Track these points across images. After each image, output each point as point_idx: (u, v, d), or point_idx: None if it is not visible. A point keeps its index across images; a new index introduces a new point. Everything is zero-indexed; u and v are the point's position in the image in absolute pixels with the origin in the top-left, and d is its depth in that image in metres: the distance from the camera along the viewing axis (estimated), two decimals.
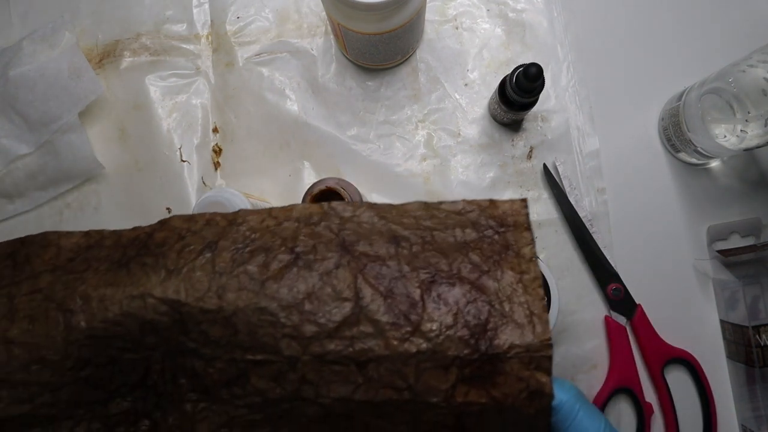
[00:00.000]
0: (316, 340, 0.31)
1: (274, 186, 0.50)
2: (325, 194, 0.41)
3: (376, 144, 0.51)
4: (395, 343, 0.30)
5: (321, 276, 0.31)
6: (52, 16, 0.52)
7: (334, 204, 0.34)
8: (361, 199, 0.43)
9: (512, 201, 0.33)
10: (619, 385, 0.46)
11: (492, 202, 0.34)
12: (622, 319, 0.48)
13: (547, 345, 0.30)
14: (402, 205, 0.34)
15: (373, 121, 0.51)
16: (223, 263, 0.32)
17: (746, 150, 0.43)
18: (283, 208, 0.34)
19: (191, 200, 0.50)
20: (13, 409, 0.33)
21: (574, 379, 0.48)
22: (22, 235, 0.51)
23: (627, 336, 0.47)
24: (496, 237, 0.33)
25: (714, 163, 0.50)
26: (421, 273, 0.32)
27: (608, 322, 0.48)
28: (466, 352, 0.30)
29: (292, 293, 0.31)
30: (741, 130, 0.41)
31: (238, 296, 0.31)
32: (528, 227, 0.33)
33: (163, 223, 0.35)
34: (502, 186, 0.50)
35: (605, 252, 0.48)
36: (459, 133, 0.51)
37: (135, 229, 0.35)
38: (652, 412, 0.47)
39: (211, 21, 0.53)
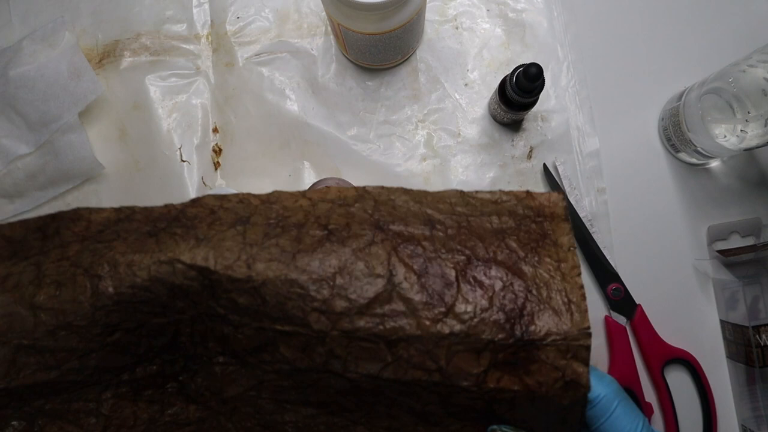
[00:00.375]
0: (346, 315, 0.30)
1: (274, 186, 0.50)
2: None
3: (376, 144, 0.51)
4: (427, 323, 0.29)
5: (354, 252, 0.31)
6: (52, 16, 0.52)
7: (369, 187, 0.33)
8: None
9: (549, 193, 0.33)
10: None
11: (529, 193, 0.33)
12: (622, 319, 0.48)
13: (586, 334, 0.29)
14: (437, 192, 0.34)
15: (373, 121, 0.51)
16: (254, 236, 0.32)
17: (746, 150, 0.43)
18: (318, 190, 0.34)
19: None
20: (41, 375, 0.32)
21: None
22: None
23: (627, 336, 0.47)
24: (533, 226, 0.32)
25: (714, 163, 0.50)
26: (457, 255, 0.31)
27: (608, 322, 0.48)
28: (500, 336, 0.29)
29: (324, 267, 0.30)
30: (741, 130, 0.41)
31: (268, 267, 0.31)
32: (566, 218, 0.32)
33: (195, 201, 0.34)
34: (502, 186, 0.50)
35: (605, 252, 0.48)
36: (459, 133, 0.51)
37: (167, 205, 0.35)
38: (652, 412, 0.47)
39: (211, 21, 0.53)
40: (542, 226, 0.32)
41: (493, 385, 0.29)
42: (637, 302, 0.48)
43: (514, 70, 0.44)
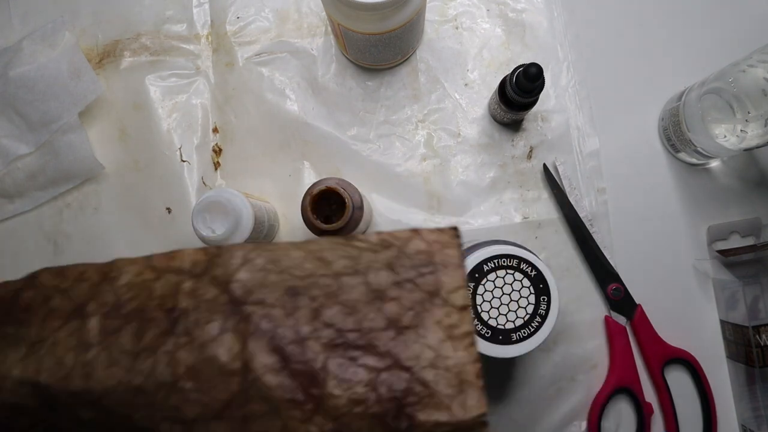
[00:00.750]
0: (201, 422, 0.26)
1: (274, 186, 0.50)
2: (325, 194, 0.41)
3: (376, 144, 0.51)
4: (295, 424, 0.25)
5: (202, 345, 0.27)
6: (52, 16, 0.52)
7: (223, 249, 0.29)
8: (362, 199, 0.43)
9: (440, 231, 0.28)
10: (619, 385, 0.46)
11: (415, 232, 0.28)
12: (622, 319, 0.48)
13: (481, 422, 0.25)
14: (306, 243, 0.29)
15: (373, 121, 0.51)
16: (91, 333, 0.28)
17: (746, 150, 0.43)
18: (165, 255, 0.29)
19: (191, 200, 0.50)
20: None
21: (574, 380, 0.48)
22: (22, 236, 0.50)
23: (627, 336, 0.47)
24: (420, 280, 0.27)
25: (714, 163, 0.50)
26: (324, 335, 0.26)
27: (608, 322, 0.48)
28: None
29: (170, 368, 0.27)
30: (741, 130, 0.41)
31: (108, 374, 0.27)
32: (460, 264, 0.27)
33: (32, 278, 0.30)
34: (502, 186, 0.50)
35: (605, 252, 0.48)
36: (459, 133, 0.51)
37: (5, 284, 0.31)
38: (652, 412, 0.47)
39: (211, 21, 0.53)
40: (430, 279, 0.27)
41: None
42: (637, 302, 0.48)
43: (514, 70, 0.44)
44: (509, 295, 0.38)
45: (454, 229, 0.27)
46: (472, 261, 0.38)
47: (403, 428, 0.25)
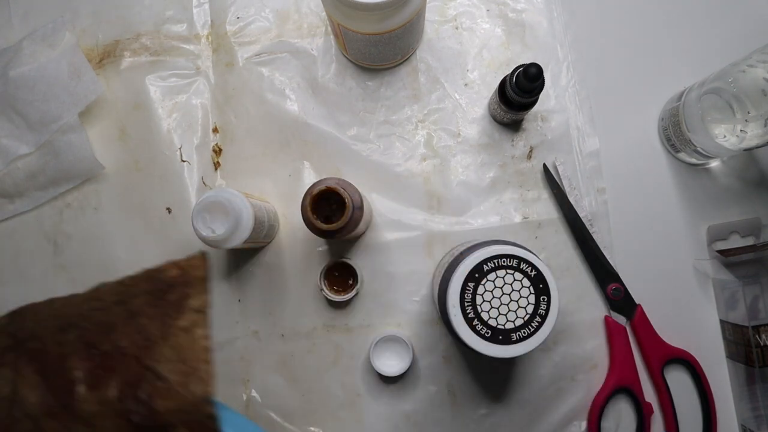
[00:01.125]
0: None
1: (274, 186, 0.50)
2: (325, 194, 0.41)
3: (376, 144, 0.51)
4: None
5: None
6: (52, 16, 0.52)
7: (25, 308, 0.34)
8: (362, 199, 0.43)
9: (190, 258, 0.34)
10: (619, 385, 0.47)
11: (173, 263, 0.33)
12: (622, 319, 0.48)
13: (206, 401, 0.29)
14: (90, 290, 0.34)
15: (373, 121, 0.51)
16: None
17: (746, 150, 0.43)
18: None
19: (191, 200, 0.50)
20: None
21: (574, 380, 0.48)
22: (22, 236, 0.51)
23: (627, 336, 0.48)
24: (171, 296, 0.32)
25: (714, 163, 0.50)
26: (83, 353, 0.31)
27: (608, 322, 0.48)
28: (129, 428, 0.29)
29: None
30: (741, 130, 0.41)
31: None
32: (204, 278, 0.33)
33: None
34: (502, 186, 0.50)
35: (605, 252, 0.48)
36: (459, 133, 0.51)
37: None
38: (652, 412, 0.47)
39: (211, 21, 0.53)
40: (179, 295, 0.32)
41: None
42: (637, 302, 0.48)
43: (514, 70, 0.44)
44: (509, 295, 0.38)
45: (203, 254, 0.34)
46: (472, 261, 0.37)
47: (145, 418, 0.29)
